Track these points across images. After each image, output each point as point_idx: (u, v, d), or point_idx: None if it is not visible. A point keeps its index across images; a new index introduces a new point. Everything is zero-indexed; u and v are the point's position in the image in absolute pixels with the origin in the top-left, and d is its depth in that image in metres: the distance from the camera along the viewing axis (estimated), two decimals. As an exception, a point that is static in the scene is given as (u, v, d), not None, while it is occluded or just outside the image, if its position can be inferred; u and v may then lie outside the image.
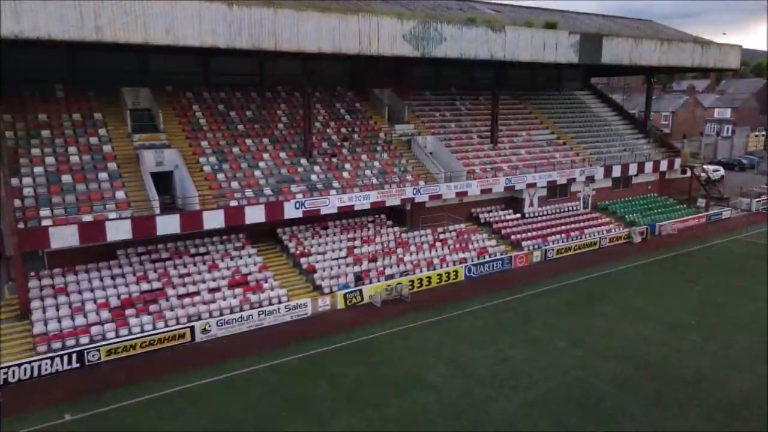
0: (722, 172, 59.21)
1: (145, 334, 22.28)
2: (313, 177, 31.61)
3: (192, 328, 22.88)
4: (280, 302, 25.97)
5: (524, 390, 19.19)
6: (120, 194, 26.12)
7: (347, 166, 33.30)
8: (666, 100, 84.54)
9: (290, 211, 28.80)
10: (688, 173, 48.63)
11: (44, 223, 23.29)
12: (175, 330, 22.57)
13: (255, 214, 27.77)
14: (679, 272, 31.72)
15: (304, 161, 32.43)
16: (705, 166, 53.10)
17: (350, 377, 20.26)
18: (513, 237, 35.75)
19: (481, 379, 19.98)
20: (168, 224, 25.30)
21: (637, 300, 27.39)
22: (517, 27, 32.68)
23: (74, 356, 20.69)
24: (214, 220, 26.60)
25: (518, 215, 38.84)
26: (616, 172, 42.84)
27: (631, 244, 37.93)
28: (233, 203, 27.85)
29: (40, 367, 20.16)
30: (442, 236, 34.45)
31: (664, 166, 46.27)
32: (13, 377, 19.84)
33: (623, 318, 25.25)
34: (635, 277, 30.79)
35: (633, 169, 43.93)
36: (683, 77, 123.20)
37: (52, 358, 20.35)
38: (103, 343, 21.51)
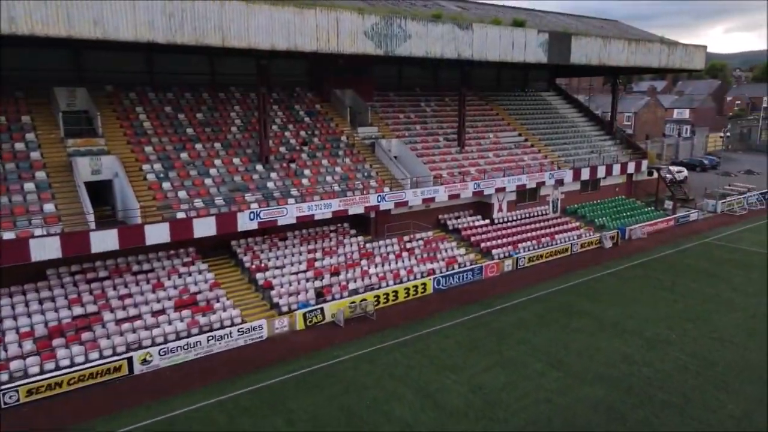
0: (686, 173, 59.28)
1: (75, 368, 19.54)
2: (270, 185, 29.27)
3: (129, 360, 20.26)
4: (233, 324, 23.57)
5: (502, 423, 17.40)
6: (49, 207, 23.28)
7: (307, 172, 31.07)
8: (628, 101, 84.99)
9: (244, 222, 26.41)
10: (654, 175, 48.14)
11: (-44, 242, 20.33)
12: (110, 363, 19.90)
13: (204, 227, 25.29)
14: (653, 279, 30.65)
15: (259, 167, 30.05)
16: (670, 167, 52.91)
17: (309, 412, 18.09)
18: (483, 245, 34.16)
19: (454, 410, 18.11)
20: (104, 240, 22.60)
21: (613, 312, 26.07)
22: (485, 24, 31.07)
23: (-13, 399, 17.90)
24: (157, 234, 24.01)
25: (487, 221, 37.32)
26: (585, 174, 41.87)
27: (603, 249, 36.88)
28: (180, 215, 25.31)
29: (-55, 413, 17.33)
30: (408, 245, 32.57)
31: (631, 168, 45.60)
32: None
33: (601, 333, 23.84)
34: (609, 286, 29.54)
35: (601, 172, 43.08)
36: (641, 78, 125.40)
37: (-40, 402, 17.54)
38: (24, 381, 18.70)
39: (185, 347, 21.50)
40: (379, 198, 30.75)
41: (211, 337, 22.11)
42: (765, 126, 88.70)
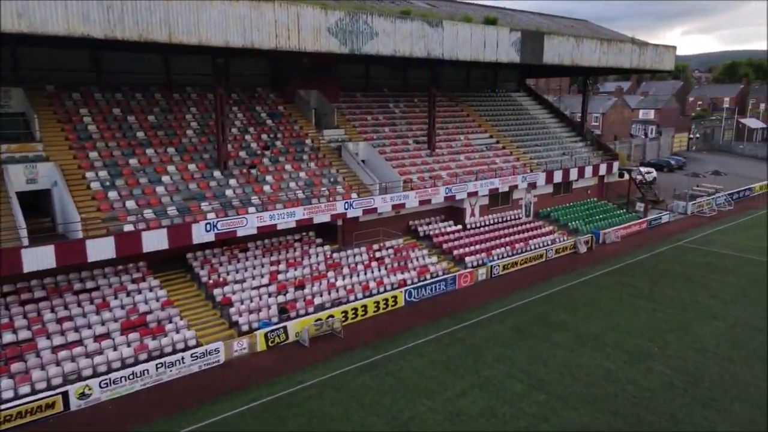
0: (654, 173, 59.19)
1: (1, 406, 17.23)
2: (229, 192, 27.24)
3: (65, 394, 18.01)
4: (186, 348, 21.50)
5: (482, 456, 15.93)
6: (-25, 222, 20.79)
7: (269, 178, 29.13)
8: (595, 101, 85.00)
9: (199, 234, 24.34)
10: (626, 176, 47.65)
11: None
12: (41, 399, 17.61)
13: (155, 240, 23.13)
14: (630, 287, 29.69)
15: (217, 174, 27.99)
16: (640, 169, 52.65)
17: (269, 449, 16.28)
18: (455, 252, 32.73)
19: (429, 442, 16.55)
20: (38, 258, 20.26)
21: (592, 324, 24.91)
22: (456, 22, 29.64)
23: None
24: (101, 249, 21.76)
25: (459, 227, 35.94)
26: (558, 177, 40.90)
27: (577, 254, 35.91)
28: (128, 228, 23.09)
29: None
30: (378, 254, 30.92)
31: (603, 169, 44.95)
32: None
33: (582, 347, 22.60)
34: (587, 295, 28.44)
35: (574, 174, 42.25)
36: (606, 78, 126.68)
37: None
38: (-62, 424, 16.40)
39: (130, 377, 19.32)
40: (347, 205, 29.01)
41: (160, 365, 19.98)
42: (728, 126, 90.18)
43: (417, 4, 35.08)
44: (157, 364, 19.94)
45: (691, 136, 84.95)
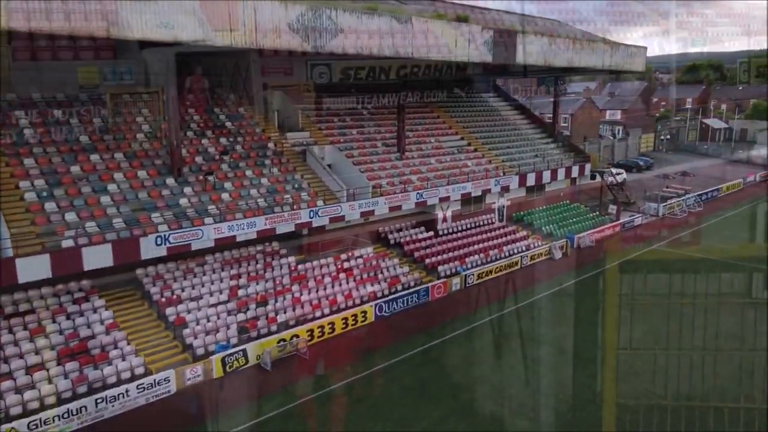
0: (624, 175, 58.82)
1: None
2: (183, 201, 25.08)
3: (-14, 441, 15.75)
4: (133, 378, 19.34)
5: (464, 500, 14.34)
6: None
7: (227, 185, 27.04)
8: (564, 102, 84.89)
9: (149, 248, 22.21)
10: (598, 178, 46.97)
11: None
12: (-44, 449, 15.34)
13: (97, 257, 20.93)
14: (609, 295, 28.50)
15: (170, 181, 25.78)
16: (612, 170, 52.15)
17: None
18: (427, 260, 31.19)
19: (404, 484, 14.90)
20: (-41, 282, 17.85)
21: (573, 337, 23.66)
22: (426, 19, 28.06)
23: None
24: (34, 269, 19.48)
25: (431, 233, 34.40)
26: (531, 180, 39.84)
27: (552, 260, 34.82)
28: (67, 243, 20.76)
29: None
30: (346, 264, 29.14)
31: (575, 172, 44.13)
32: None
33: (565, 365, 21.35)
34: (565, 306, 27.34)
35: (547, 177, 41.24)
36: (572, 79, 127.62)
37: None
38: None
39: (65, 415, 17.08)
40: (312, 213, 27.18)
41: (100, 399, 17.77)
42: (692, 126, 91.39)
43: (386, 0, 33.39)
44: (96, 399, 17.72)
45: (662, 137, 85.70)
